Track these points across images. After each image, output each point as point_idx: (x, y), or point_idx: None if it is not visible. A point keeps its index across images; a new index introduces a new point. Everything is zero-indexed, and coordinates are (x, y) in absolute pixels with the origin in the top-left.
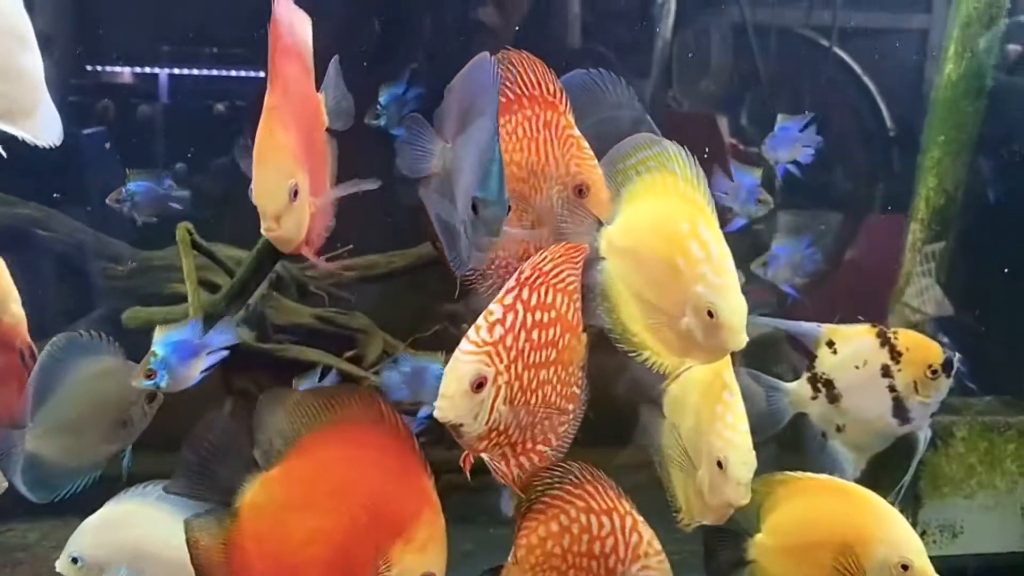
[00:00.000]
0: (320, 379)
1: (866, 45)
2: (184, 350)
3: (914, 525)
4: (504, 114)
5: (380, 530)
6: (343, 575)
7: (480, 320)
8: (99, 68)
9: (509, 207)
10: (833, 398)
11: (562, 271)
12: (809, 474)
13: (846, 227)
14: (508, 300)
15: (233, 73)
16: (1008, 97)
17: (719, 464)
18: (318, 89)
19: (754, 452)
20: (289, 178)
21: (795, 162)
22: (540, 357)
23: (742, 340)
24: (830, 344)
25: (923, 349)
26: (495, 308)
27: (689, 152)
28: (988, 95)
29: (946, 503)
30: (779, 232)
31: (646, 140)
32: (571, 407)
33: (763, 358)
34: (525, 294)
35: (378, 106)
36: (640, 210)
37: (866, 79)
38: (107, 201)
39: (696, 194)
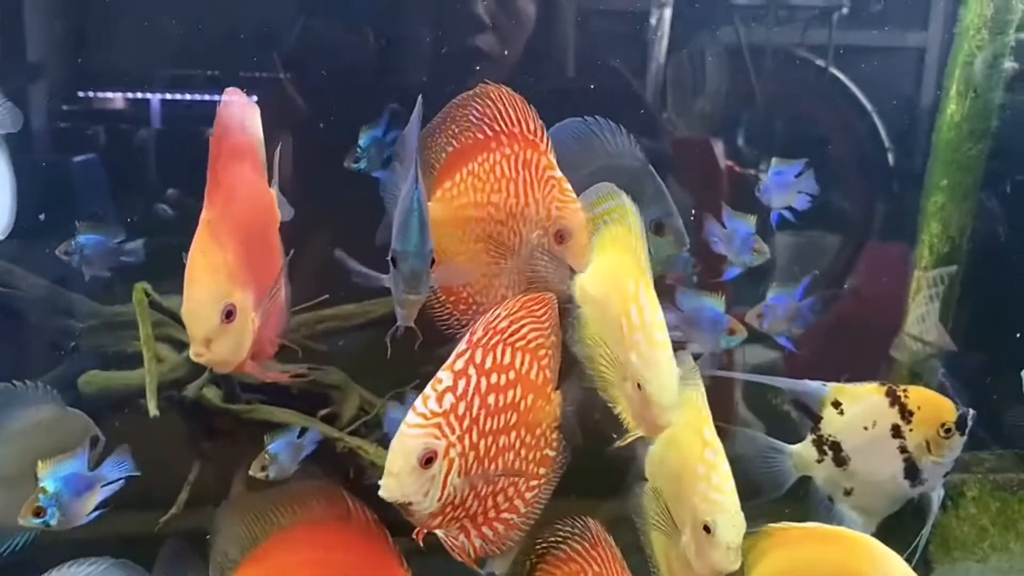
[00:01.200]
0: (299, 436)
1: (863, 64)
2: (76, 484)
3: None
4: (482, 152)
5: None
6: None
7: (427, 389)
8: (90, 94)
9: (433, 260)
10: (840, 461)
11: (521, 327)
12: (793, 524)
13: (845, 264)
14: (459, 365)
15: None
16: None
17: (706, 528)
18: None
19: (743, 514)
20: (223, 299)
21: (791, 208)
22: (498, 423)
23: (669, 420)
24: (836, 404)
25: (935, 407)
26: (444, 375)
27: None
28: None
29: (957, 567)
30: (774, 281)
31: (609, 190)
32: (542, 471)
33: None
34: (478, 356)
35: (357, 149)
36: (605, 262)
37: (862, 98)
38: (56, 252)
39: (643, 254)
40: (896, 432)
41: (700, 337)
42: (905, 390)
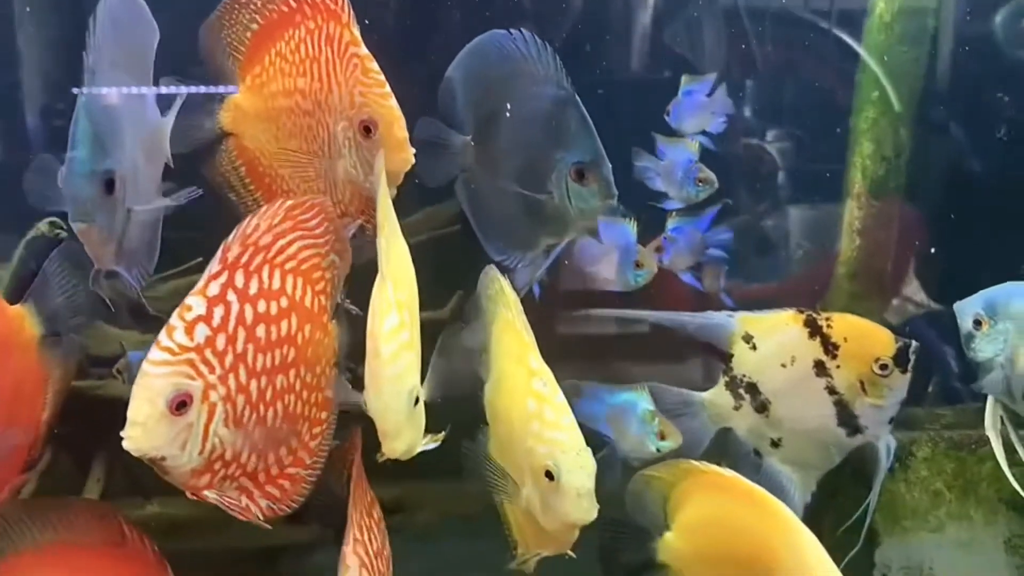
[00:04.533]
0: None
1: None
2: None
3: (871, 566)
4: (287, 28)
5: None
6: None
7: (173, 319)
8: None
9: (112, 182)
10: (760, 406)
11: (291, 244)
12: (713, 467)
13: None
14: (213, 289)
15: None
16: None
17: (548, 475)
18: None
19: (590, 451)
20: None
21: (705, 133)
22: (273, 360)
23: (392, 449)
24: (747, 338)
25: (866, 338)
26: (194, 301)
27: None
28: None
29: (909, 539)
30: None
31: None
32: (324, 415)
33: None
34: (239, 280)
35: None
36: None
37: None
38: None
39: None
40: (820, 369)
41: (611, 269)
42: (828, 318)
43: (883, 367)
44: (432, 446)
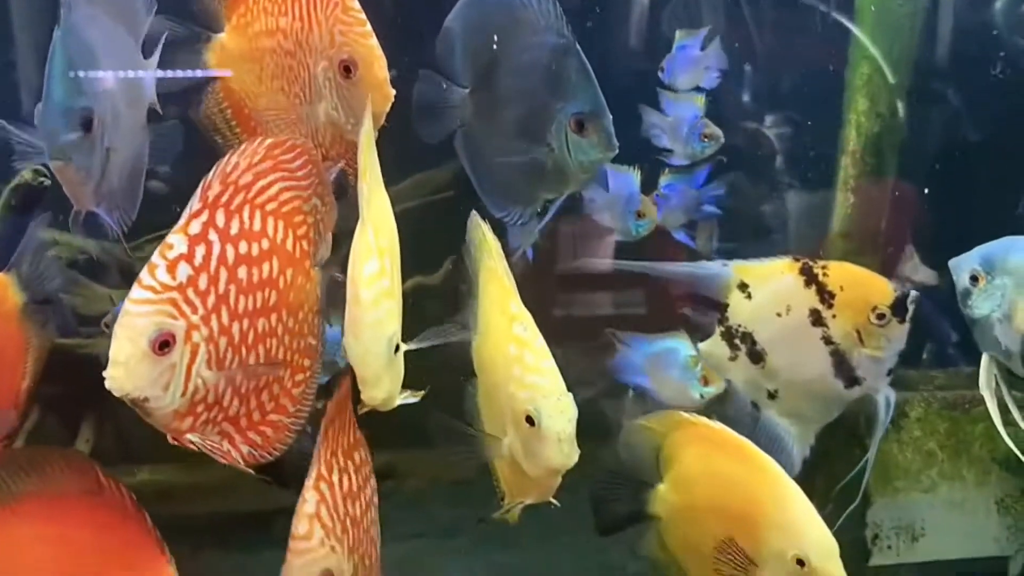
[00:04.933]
0: None
1: None
2: None
3: (863, 526)
4: None
5: None
6: None
7: (155, 257)
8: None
9: (91, 120)
10: (756, 356)
11: (271, 184)
12: (703, 418)
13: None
14: (195, 228)
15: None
16: None
17: (529, 420)
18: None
19: (571, 396)
20: None
21: (699, 88)
22: (255, 302)
23: (371, 397)
24: (743, 287)
25: (863, 287)
26: (176, 240)
27: None
28: None
29: (901, 499)
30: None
31: None
32: (307, 362)
33: None
34: (220, 219)
35: None
36: None
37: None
38: None
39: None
40: (816, 319)
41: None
42: (824, 266)
43: (880, 316)
44: (412, 400)
